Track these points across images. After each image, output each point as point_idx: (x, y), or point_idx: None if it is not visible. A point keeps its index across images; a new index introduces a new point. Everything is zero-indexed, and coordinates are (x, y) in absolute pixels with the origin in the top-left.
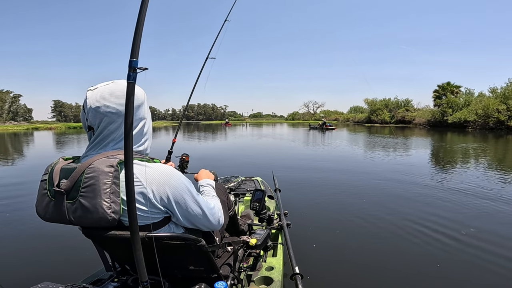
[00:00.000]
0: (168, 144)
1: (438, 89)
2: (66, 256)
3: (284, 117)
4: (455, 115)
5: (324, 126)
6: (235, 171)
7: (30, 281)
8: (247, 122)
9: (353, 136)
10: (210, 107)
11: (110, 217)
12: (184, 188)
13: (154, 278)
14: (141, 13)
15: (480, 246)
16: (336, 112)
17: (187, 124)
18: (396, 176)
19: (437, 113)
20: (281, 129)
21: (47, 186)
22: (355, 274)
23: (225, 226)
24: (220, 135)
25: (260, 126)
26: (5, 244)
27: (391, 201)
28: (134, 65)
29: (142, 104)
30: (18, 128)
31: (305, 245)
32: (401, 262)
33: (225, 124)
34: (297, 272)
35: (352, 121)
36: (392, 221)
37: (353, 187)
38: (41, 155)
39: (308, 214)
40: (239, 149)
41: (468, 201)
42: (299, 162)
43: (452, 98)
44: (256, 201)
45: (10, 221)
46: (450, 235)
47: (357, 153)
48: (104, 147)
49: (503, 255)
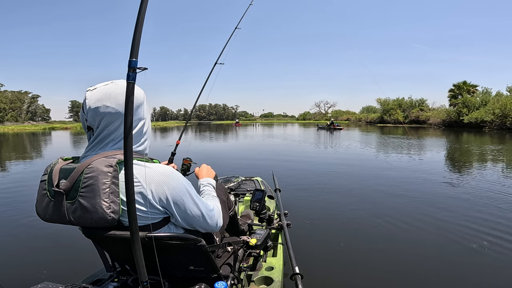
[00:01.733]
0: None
1: (453, 89)
2: (66, 256)
3: (295, 117)
4: (471, 115)
5: (332, 126)
6: (235, 171)
7: (30, 281)
8: (257, 122)
9: (361, 136)
10: (221, 107)
11: (110, 217)
12: (183, 189)
13: (154, 278)
14: (140, 13)
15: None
16: (348, 112)
17: (199, 124)
18: (397, 176)
19: (453, 113)
20: (290, 129)
21: (46, 186)
22: (355, 274)
23: (225, 226)
24: (228, 135)
25: (271, 126)
26: (5, 244)
27: (391, 201)
28: (133, 65)
29: (141, 104)
30: (36, 128)
31: (305, 245)
32: (401, 262)
33: (235, 124)
34: (297, 272)
35: (364, 121)
36: (392, 221)
37: (354, 187)
38: (48, 155)
39: (308, 214)
40: (241, 149)
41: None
42: (301, 162)
43: (468, 97)
44: (256, 201)
45: (10, 221)
46: (450, 234)
47: (362, 153)
48: (103, 147)
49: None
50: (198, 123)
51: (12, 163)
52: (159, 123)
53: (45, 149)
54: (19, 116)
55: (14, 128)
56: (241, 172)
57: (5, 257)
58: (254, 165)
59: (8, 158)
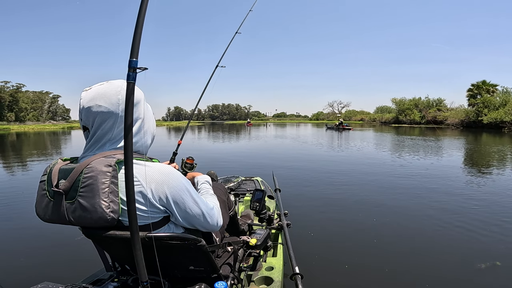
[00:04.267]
0: (186, 144)
1: (472, 88)
2: (66, 256)
3: (308, 117)
4: (490, 115)
5: (340, 126)
6: (235, 171)
7: (30, 281)
8: (268, 122)
9: (370, 137)
10: (234, 107)
11: (109, 216)
12: (183, 188)
13: (154, 278)
14: (140, 13)
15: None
16: (362, 112)
17: (212, 124)
18: (398, 176)
19: (471, 113)
20: (300, 129)
21: (46, 186)
22: (355, 274)
23: (225, 226)
24: (236, 135)
25: (283, 126)
26: (5, 244)
27: (392, 202)
28: (133, 65)
29: (137, 103)
30: (55, 127)
31: (305, 245)
32: (401, 262)
33: (247, 124)
34: (297, 272)
35: (378, 121)
36: (392, 221)
37: (355, 187)
38: (65, 153)
39: (308, 214)
40: (241, 150)
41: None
42: (301, 162)
43: (488, 97)
44: (256, 201)
45: (10, 220)
46: (448, 234)
47: (365, 153)
48: (101, 147)
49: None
50: (211, 123)
51: (28, 162)
52: (172, 122)
53: (64, 146)
54: (40, 115)
55: (34, 127)
56: (241, 172)
57: (5, 257)
58: (254, 165)
59: (28, 156)
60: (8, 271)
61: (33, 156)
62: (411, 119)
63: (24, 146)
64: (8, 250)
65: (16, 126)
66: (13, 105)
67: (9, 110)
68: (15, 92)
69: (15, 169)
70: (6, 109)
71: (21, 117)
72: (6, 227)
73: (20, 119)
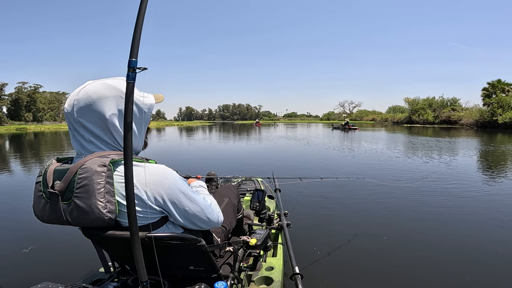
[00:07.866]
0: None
1: (487, 87)
2: (66, 256)
3: (319, 117)
4: (505, 115)
5: (346, 126)
6: (235, 171)
7: (30, 281)
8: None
9: (376, 137)
10: (244, 107)
11: (107, 217)
12: (178, 187)
13: (154, 278)
14: (140, 14)
15: None
16: (374, 112)
17: (223, 124)
18: (399, 176)
19: (486, 113)
20: (307, 129)
21: (42, 188)
22: (355, 274)
23: (231, 229)
24: (244, 135)
25: (294, 126)
26: (5, 244)
27: (392, 202)
28: (133, 65)
29: (104, 99)
30: None
31: (305, 245)
32: (401, 262)
33: (256, 124)
34: (297, 272)
35: (390, 121)
36: (392, 222)
37: (354, 187)
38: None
39: (308, 214)
40: (242, 149)
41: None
42: (301, 162)
43: (503, 96)
44: (256, 201)
45: (10, 220)
46: (448, 234)
47: (368, 153)
48: (94, 148)
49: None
50: (222, 123)
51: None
52: (183, 122)
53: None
54: (57, 115)
55: (50, 127)
56: (241, 172)
57: (5, 257)
58: (254, 165)
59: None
60: (8, 271)
61: (48, 153)
62: (424, 119)
63: (41, 145)
64: (8, 250)
65: (32, 126)
66: (31, 106)
67: (27, 110)
68: (32, 92)
69: (15, 169)
70: (24, 110)
71: (38, 117)
72: (6, 227)
73: (37, 119)
